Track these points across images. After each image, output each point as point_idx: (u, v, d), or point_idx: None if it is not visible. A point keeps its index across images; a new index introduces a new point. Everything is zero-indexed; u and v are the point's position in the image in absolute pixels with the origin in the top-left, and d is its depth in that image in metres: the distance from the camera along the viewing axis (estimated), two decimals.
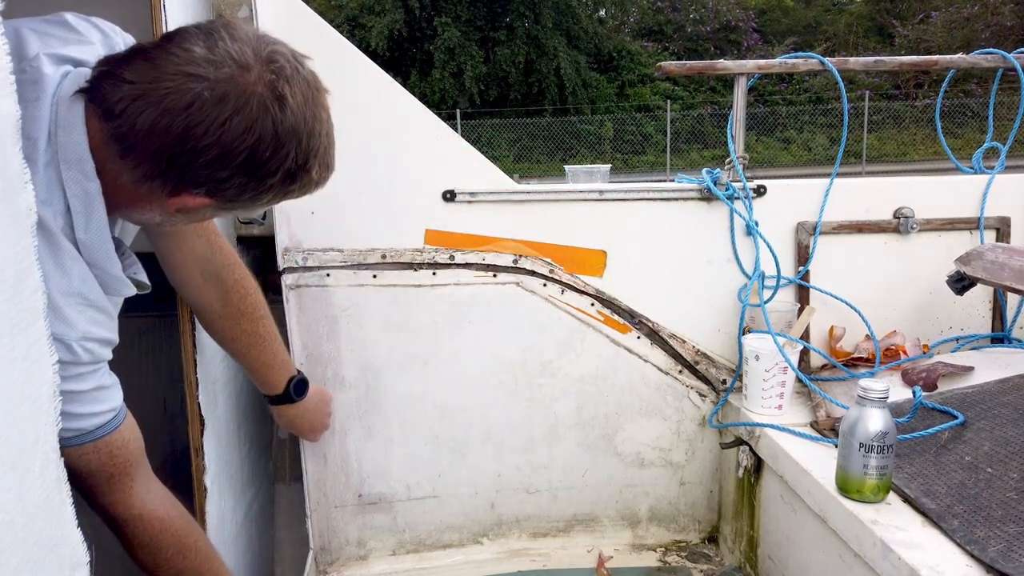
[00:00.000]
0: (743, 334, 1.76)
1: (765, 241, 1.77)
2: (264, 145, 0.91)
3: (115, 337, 1.01)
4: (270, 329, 1.47)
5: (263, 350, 1.48)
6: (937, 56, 1.94)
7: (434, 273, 1.73)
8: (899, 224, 1.82)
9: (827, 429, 1.56)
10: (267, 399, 1.58)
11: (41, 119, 0.90)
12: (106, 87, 0.89)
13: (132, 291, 1.04)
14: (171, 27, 1.32)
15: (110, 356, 1.01)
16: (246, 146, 0.90)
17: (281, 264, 1.67)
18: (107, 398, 1.01)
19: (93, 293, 0.96)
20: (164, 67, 0.88)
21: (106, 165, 0.93)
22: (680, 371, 1.83)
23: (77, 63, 0.97)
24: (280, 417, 1.62)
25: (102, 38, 1.05)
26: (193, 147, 0.89)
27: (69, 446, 0.95)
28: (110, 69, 0.91)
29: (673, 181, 1.85)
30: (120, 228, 1.09)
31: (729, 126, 1.84)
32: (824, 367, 1.84)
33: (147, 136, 0.88)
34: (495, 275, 1.75)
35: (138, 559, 1.12)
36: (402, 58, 17.96)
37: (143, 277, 1.07)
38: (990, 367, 1.64)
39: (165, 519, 1.12)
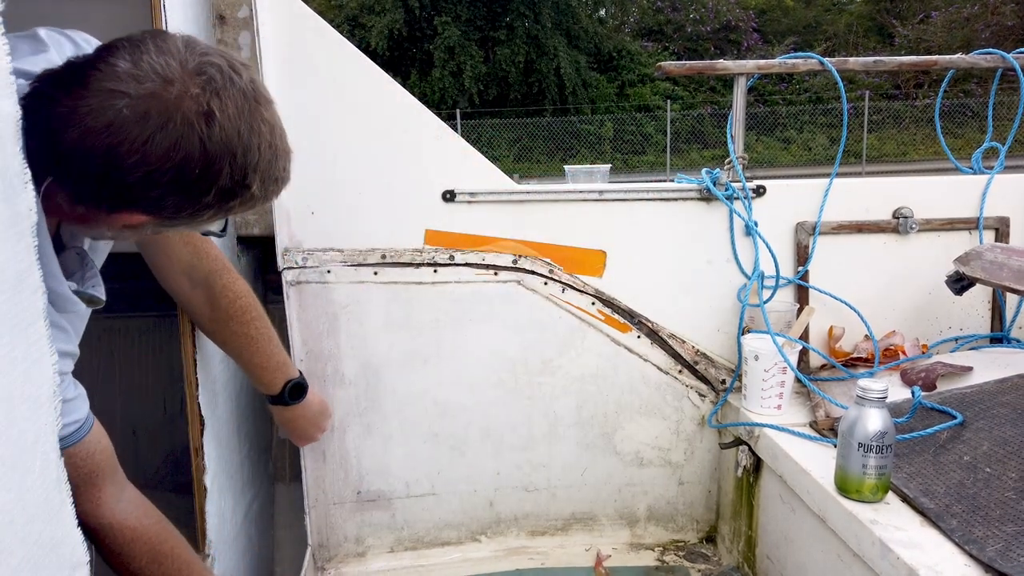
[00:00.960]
0: (742, 334, 1.76)
1: (764, 241, 1.77)
2: (192, 163, 0.86)
3: (72, 348, 0.99)
4: (263, 331, 1.47)
5: (255, 351, 1.48)
6: (937, 56, 1.94)
7: (435, 270, 1.73)
8: (898, 224, 1.82)
9: (826, 429, 1.56)
10: (266, 398, 1.58)
11: None
12: (36, 104, 0.86)
13: (81, 307, 1.00)
14: (171, 27, 1.32)
15: (70, 368, 0.99)
16: (172, 165, 0.85)
17: (281, 264, 1.68)
18: (69, 411, 0.99)
19: None
20: (89, 84, 0.84)
21: (42, 184, 0.88)
22: (680, 371, 1.83)
23: (29, 76, 0.94)
24: (276, 417, 1.63)
25: (74, 49, 1.03)
26: (118, 166, 0.84)
27: None
28: (41, 87, 0.88)
29: (673, 181, 1.85)
30: (89, 243, 1.06)
31: (729, 126, 1.85)
32: (823, 367, 1.84)
33: (72, 157, 0.85)
34: (496, 273, 1.75)
35: (113, 568, 1.11)
36: (402, 58, 17.95)
37: (99, 293, 1.03)
38: (989, 367, 1.64)
39: (138, 528, 1.10)
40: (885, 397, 1.26)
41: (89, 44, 1.06)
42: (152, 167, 0.85)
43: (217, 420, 1.54)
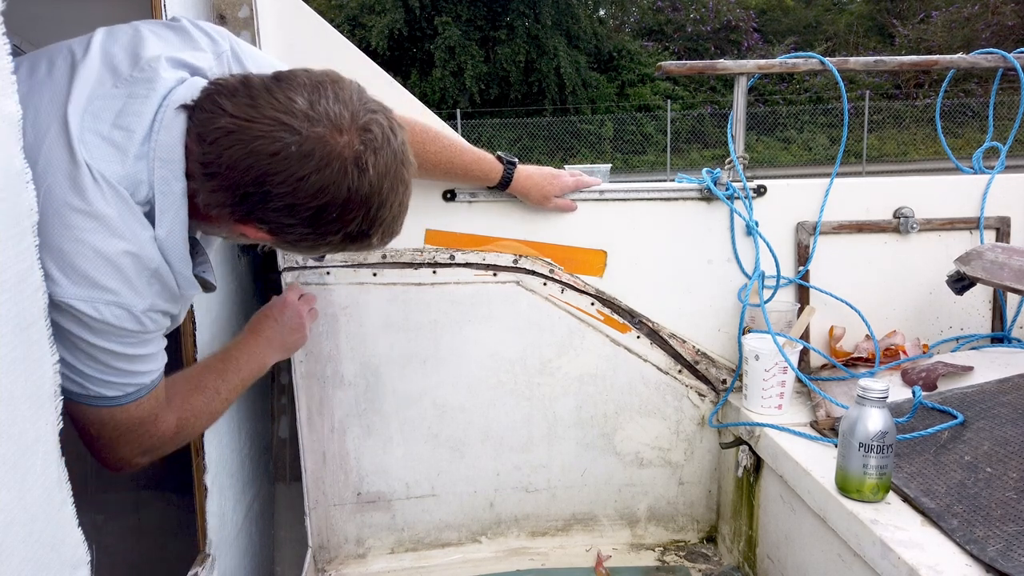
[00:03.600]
0: (743, 334, 1.76)
1: (765, 241, 1.77)
2: (334, 207, 0.94)
3: (177, 312, 1.06)
4: (448, 144, 1.56)
5: (458, 160, 1.58)
6: (937, 56, 1.94)
7: (434, 271, 1.73)
8: (899, 224, 1.82)
9: (827, 429, 1.56)
10: (499, 187, 1.66)
11: (144, 115, 0.95)
12: (206, 112, 0.93)
13: (198, 290, 1.07)
14: None
15: (168, 324, 1.06)
16: (316, 204, 0.94)
17: (281, 264, 1.68)
18: (163, 355, 1.08)
19: (162, 272, 1.00)
20: (263, 109, 0.91)
21: (190, 179, 0.97)
22: (680, 371, 1.83)
23: (194, 70, 1.02)
24: (516, 190, 1.69)
25: (210, 43, 1.10)
26: (267, 191, 0.92)
27: (130, 401, 1.02)
28: (214, 95, 0.94)
29: (673, 181, 1.85)
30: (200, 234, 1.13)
31: (729, 126, 1.84)
32: (824, 367, 1.84)
33: (229, 170, 0.92)
34: (495, 274, 1.75)
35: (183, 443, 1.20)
36: (402, 58, 17.95)
37: (211, 278, 1.10)
38: (990, 367, 1.64)
39: (190, 413, 1.18)
40: (886, 397, 1.26)
41: (223, 37, 1.14)
42: (297, 201, 0.93)
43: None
